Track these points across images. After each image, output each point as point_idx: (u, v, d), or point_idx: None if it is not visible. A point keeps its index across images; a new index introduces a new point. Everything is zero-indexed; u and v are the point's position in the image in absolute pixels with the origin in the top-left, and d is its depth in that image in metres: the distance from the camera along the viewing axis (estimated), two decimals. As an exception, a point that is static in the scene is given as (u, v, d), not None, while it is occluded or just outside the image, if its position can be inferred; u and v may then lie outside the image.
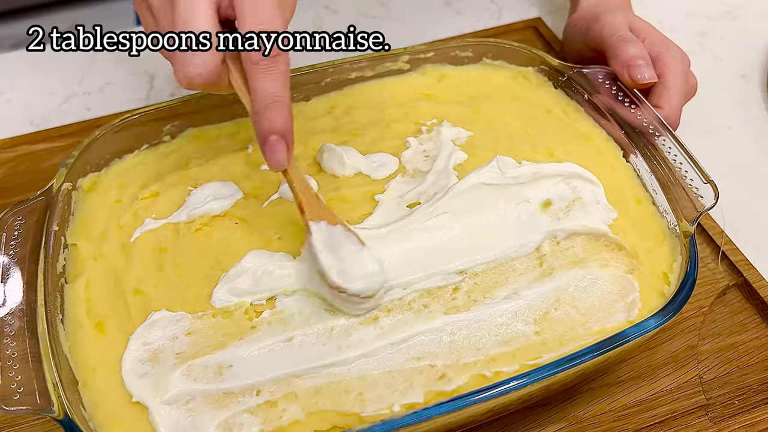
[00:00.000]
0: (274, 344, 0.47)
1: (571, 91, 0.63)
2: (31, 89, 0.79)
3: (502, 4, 0.90)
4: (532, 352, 0.47)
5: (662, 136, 0.57)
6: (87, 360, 0.47)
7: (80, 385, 0.46)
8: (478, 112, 0.62)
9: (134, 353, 0.47)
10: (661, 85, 0.62)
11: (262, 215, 0.54)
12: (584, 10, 0.70)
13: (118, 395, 0.45)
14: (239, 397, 0.45)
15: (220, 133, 0.61)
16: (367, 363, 0.46)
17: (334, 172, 0.57)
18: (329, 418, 0.44)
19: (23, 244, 0.50)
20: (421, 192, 0.55)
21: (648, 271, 0.51)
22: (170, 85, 0.80)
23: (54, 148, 0.70)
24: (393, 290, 0.49)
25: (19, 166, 0.69)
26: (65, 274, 0.51)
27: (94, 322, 0.49)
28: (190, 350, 0.47)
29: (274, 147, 0.45)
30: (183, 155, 0.59)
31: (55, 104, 0.77)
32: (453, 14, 0.89)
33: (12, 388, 0.43)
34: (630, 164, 0.58)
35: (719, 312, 0.59)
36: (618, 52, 0.61)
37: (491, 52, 0.66)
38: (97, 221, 0.54)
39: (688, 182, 0.54)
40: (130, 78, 0.80)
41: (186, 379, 0.46)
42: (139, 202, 0.55)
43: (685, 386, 0.54)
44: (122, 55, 0.82)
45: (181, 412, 0.45)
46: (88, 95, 0.78)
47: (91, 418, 0.44)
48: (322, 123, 0.61)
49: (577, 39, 0.69)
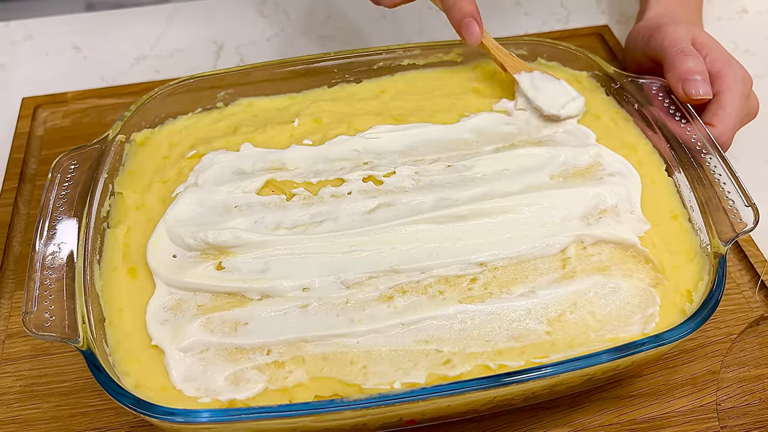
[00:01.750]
0: (289, 308, 0.49)
1: (623, 99, 0.62)
2: (107, 49, 0.83)
3: (572, 9, 0.89)
4: (540, 351, 0.47)
5: (710, 154, 0.55)
6: (116, 300, 0.50)
7: (106, 323, 0.49)
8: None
9: (159, 300, 0.50)
10: (717, 103, 0.60)
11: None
12: (649, 20, 0.69)
13: (139, 337, 0.48)
14: (250, 353, 0.47)
15: (271, 105, 0.63)
16: (376, 338, 0.47)
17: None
18: (331, 386, 0.46)
19: (75, 186, 0.53)
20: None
21: (672, 287, 0.50)
22: (236, 56, 0.83)
23: (119, 104, 0.74)
24: (411, 273, 0.50)
25: (85, 117, 0.73)
26: (108, 219, 0.54)
27: (128, 266, 0.52)
28: (211, 304, 0.49)
29: (468, 26, 0.59)
30: (233, 122, 0.62)
31: (127, 64, 0.82)
32: (520, 15, 0.89)
33: (45, 317, 0.46)
34: (671, 179, 0.56)
35: (749, 341, 0.57)
36: (675, 65, 0.60)
37: (546, 53, 0.65)
38: (144, 174, 0.57)
39: (729, 203, 0.52)
40: (200, 46, 0.84)
41: (203, 330, 0.48)
42: (184, 160, 0.58)
43: (699, 410, 0.53)
44: (195, 23, 0.86)
45: (194, 360, 0.47)
46: (159, 58, 0.82)
47: (111, 353, 0.47)
48: (369, 105, 0.62)
49: (638, 48, 0.68)
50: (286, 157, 0.57)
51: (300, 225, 0.53)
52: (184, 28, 0.86)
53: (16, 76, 0.80)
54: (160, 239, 0.52)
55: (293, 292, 0.49)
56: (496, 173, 0.56)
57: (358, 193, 0.55)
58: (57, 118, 0.74)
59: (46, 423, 0.52)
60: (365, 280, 0.50)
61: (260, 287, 0.49)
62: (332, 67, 0.64)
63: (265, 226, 0.53)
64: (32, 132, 0.72)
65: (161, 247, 0.52)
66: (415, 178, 0.55)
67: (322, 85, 0.65)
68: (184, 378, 0.46)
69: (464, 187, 0.55)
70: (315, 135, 0.60)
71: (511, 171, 0.56)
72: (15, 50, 0.83)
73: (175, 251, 0.52)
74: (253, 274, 0.50)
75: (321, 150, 0.58)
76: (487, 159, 0.57)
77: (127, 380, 0.45)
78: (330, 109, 0.62)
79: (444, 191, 0.54)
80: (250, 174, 0.56)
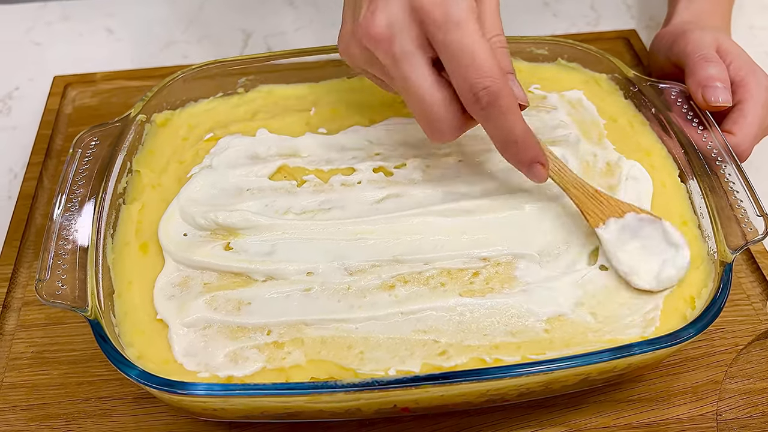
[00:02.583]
0: (292, 291, 0.50)
1: (641, 103, 0.61)
2: (139, 32, 0.85)
3: (602, 12, 0.88)
4: (537, 348, 0.47)
5: (725, 162, 0.55)
6: (126, 274, 0.51)
7: (115, 295, 0.50)
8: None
9: (168, 276, 0.51)
10: (738, 111, 0.59)
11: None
12: (675, 26, 0.68)
13: (146, 310, 0.49)
14: (251, 333, 0.48)
15: (290, 93, 0.64)
16: (374, 325, 0.48)
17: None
18: (327, 369, 0.47)
19: (94, 162, 0.55)
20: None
21: (676, 293, 0.50)
22: (264, 45, 0.84)
23: (146, 86, 0.76)
24: (414, 264, 0.51)
25: (112, 97, 0.75)
26: (124, 196, 0.56)
27: (140, 242, 0.53)
28: (217, 283, 0.51)
29: (530, 172, 0.49)
30: (251, 108, 0.63)
31: (157, 48, 0.84)
32: (549, 16, 0.88)
33: (57, 285, 0.48)
34: (684, 185, 0.56)
35: (756, 354, 0.56)
36: (696, 71, 0.59)
37: (567, 53, 0.65)
38: (162, 154, 0.59)
39: (741, 212, 0.52)
40: (228, 34, 0.85)
41: (207, 307, 0.49)
42: (201, 143, 0.60)
43: (699, 419, 0.52)
44: (226, 11, 0.88)
45: (196, 335, 0.48)
46: (188, 44, 0.84)
47: (118, 324, 0.49)
48: (386, 97, 0.63)
49: (662, 54, 0.67)
50: (300, 145, 0.58)
51: (309, 211, 0.54)
52: (215, 15, 0.88)
53: (50, 55, 0.83)
54: (172, 217, 0.54)
55: (297, 276, 0.50)
56: (507, 170, 0.56)
57: (368, 183, 0.55)
58: (85, 97, 0.76)
59: (55, 389, 0.54)
60: (368, 268, 0.51)
61: (265, 269, 0.51)
62: (353, 59, 0.65)
63: (275, 210, 0.54)
64: (61, 109, 0.74)
65: (173, 225, 0.53)
66: (425, 171, 0.56)
67: (341, 75, 0.65)
68: (185, 352, 0.47)
69: (473, 182, 0.55)
70: (330, 124, 0.61)
71: None
72: (50, 30, 0.86)
73: (186, 230, 0.53)
74: (259, 256, 0.51)
75: (334, 139, 0.59)
76: (498, 155, 0.57)
77: (130, 351, 0.47)
78: (347, 99, 0.63)
79: (453, 185, 0.55)
80: (264, 159, 0.58)
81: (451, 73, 0.46)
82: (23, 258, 0.62)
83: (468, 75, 0.45)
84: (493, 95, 0.45)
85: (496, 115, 0.46)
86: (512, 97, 0.46)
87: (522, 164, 0.49)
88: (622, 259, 0.49)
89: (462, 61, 0.45)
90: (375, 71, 0.51)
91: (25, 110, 0.76)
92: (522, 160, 0.49)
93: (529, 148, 0.48)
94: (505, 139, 0.48)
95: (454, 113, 0.47)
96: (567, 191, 0.52)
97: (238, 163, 0.57)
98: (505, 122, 0.47)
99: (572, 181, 0.52)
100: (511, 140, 0.48)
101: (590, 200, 0.51)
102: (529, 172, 0.50)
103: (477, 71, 0.45)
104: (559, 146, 0.57)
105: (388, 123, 0.60)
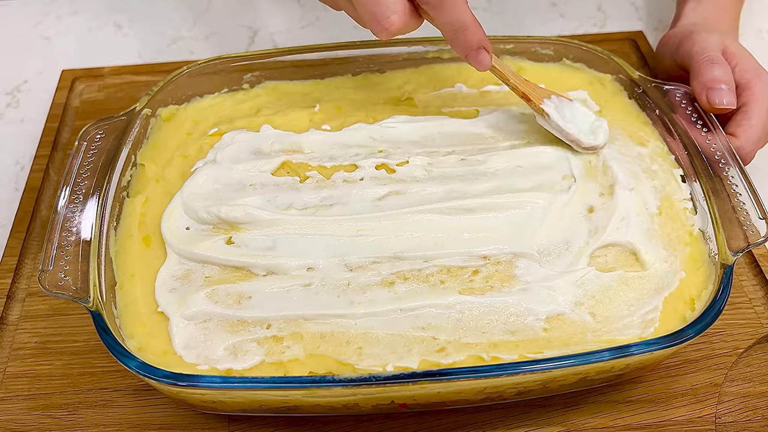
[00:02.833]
0: (293, 286, 0.50)
1: (644, 104, 0.61)
2: (146, 28, 0.86)
3: (609, 13, 0.88)
4: (535, 346, 0.47)
5: (728, 165, 0.55)
6: (128, 266, 0.52)
7: (117, 287, 0.51)
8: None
9: (170, 269, 0.51)
10: (742, 113, 0.59)
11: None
12: (682, 28, 0.68)
13: (147, 303, 0.50)
14: (251, 326, 0.48)
15: (294, 89, 0.65)
16: (373, 321, 0.48)
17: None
18: (326, 363, 0.47)
19: (99, 155, 0.56)
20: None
21: (676, 294, 0.50)
22: (270, 42, 0.85)
23: (152, 81, 0.76)
24: (414, 261, 0.51)
25: (119, 92, 0.76)
26: (128, 189, 0.56)
27: (143, 235, 0.54)
28: (218, 276, 0.51)
29: (475, 58, 0.53)
30: (256, 104, 0.63)
31: (164, 44, 0.84)
32: (556, 16, 0.88)
33: (59, 276, 0.48)
34: (686, 186, 0.56)
35: (757, 357, 0.56)
36: (701, 72, 0.59)
37: (572, 54, 0.65)
38: (167, 148, 0.59)
39: (743, 215, 0.52)
40: (235, 31, 0.86)
41: (208, 300, 0.49)
42: (206, 137, 0.60)
43: (697, 421, 0.52)
44: (233, 8, 0.88)
45: (197, 328, 0.49)
46: (194, 40, 0.84)
47: (119, 316, 0.49)
48: (389, 95, 0.63)
49: (667, 56, 0.67)
50: (304, 141, 0.58)
51: (310, 207, 0.54)
52: (222, 12, 0.88)
53: (58, 49, 0.83)
54: (175, 211, 0.54)
55: (298, 271, 0.51)
56: (508, 169, 0.56)
57: (370, 180, 0.56)
58: (93, 91, 0.76)
59: (57, 379, 0.54)
60: (369, 264, 0.51)
61: (266, 263, 0.51)
62: (358, 56, 0.65)
63: (277, 205, 0.54)
64: (68, 103, 0.75)
65: (176, 219, 0.54)
66: (427, 168, 0.56)
67: (346, 73, 0.66)
68: (185, 345, 0.48)
69: (475, 180, 0.55)
70: (334, 121, 0.61)
71: (524, 168, 0.56)
72: (60, 24, 0.87)
73: (188, 224, 0.54)
74: (260, 250, 0.52)
75: (338, 136, 0.59)
76: (501, 155, 0.57)
77: (131, 342, 0.47)
78: (352, 96, 0.63)
79: (455, 184, 0.55)
80: (268, 154, 0.58)
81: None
82: (28, 249, 0.62)
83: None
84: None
85: (448, 4, 0.50)
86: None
87: (470, 49, 0.53)
88: (567, 126, 0.56)
89: None
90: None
91: (33, 103, 0.77)
92: (471, 45, 0.52)
93: (477, 32, 0.52)
94: (456, 26, 0.51)
95: (401, 2, 0.50)
96: (508, 79, 0.57)
97: (241, 158, 0.57)
98: (456, 10, 0.50)
99: (510, 71, 0.58)
100: (462, 26, 0.51)
101: (526, 86, 0.57)
102: (475, 59, 0.53)
103: None
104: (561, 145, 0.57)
105: (392, 121, 0.60)
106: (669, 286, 0.50)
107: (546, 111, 0.56)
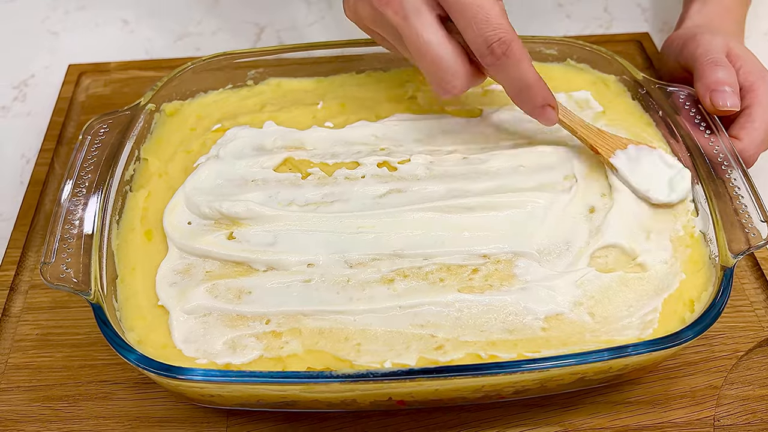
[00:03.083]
0: (293, 282, 0.50)
1: (648, 105, 0.61)
2: (153, 24, 0.86)
3: (615, 15, 0.88)
4: (533, 346, 0.47)
5: (731, 167, 0.54)
6: (130, 260, 0.52)
7: (118, 280, 0.51)
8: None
9: (171, 263, 0.52)
10: (746, 116, 0.59)
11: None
12: (686, 29, 0.68)
13: (147, 296, 0.50)
14: (250, 321, 0.49)
15: (299, 86, 0.65)
16: (372, 318, 0.48)
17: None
18: (324, 359, 0.47)
19: (103, 149, 0.56)
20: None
21: (676, 296, 0.50)
22: (276, 39, 0.85)
23: (158, 76, 0.76)
24: (414, 259, 0.51)
25: (125, 87, 0.76)
26: (131, 183, 0.57)
27: (145, 229, 0.54)
28: (219, 271, 0.51)
29: (541, 114, 0.53)
30: (260, 100, 0.64)
31: (171, 40, 0.84)
32: (562, 17, 0.88)
33: (61, 268, 0.49)
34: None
35: (757, 361, 0.56)
36: (704, 74, 0.59)
37: (576, 54, 0.65)
38: (170, 143, 0.60)
39: (745, 218, 0.51)
40: (242, 28, 0.86)
41: (208, 295, 0.50)
42: (209, 133, 0.60)
43: (696, 423, 0.52)
44: (240, 5, 0.88)
45: (196, 322, 0.49)
46: (200, 36, 0.85)
47: (119, 309, 0.49)
48: (393, 93, 0.63)
49: (671, 57, 0.67)
50: (306, 138, 0.59)
51: (312, 203, 0.54)
52: (229, 9, 0.88)
53: (65, 44, 0.84)
54: (177, 206, 0.54)
55: (298, 267, 0.51)
56: (510, 168, 0.56)
57: (371, 177, 0.56)
58: (99, 86, 0.77)
59: (57, 371, 0.54)
60: (368, 261, 0.51)
61: (267, 259, 0.51)
62: (362, 54, 0.65)
63: (279, 201, 0.54)
64: (74, 97, 0.75)
65: (177, 213, 0.54)
66: (429, 167, 0.56)
67: (350, 70, 0.66)
68: (184, 339, 0.48)
69: (477, 179, 0.55)
70: (337, 118, 0.61)
71: (526, 168, 0.56)
72: (67, 19, 0.87)
73: (190, 218, 0.54)
74: (261, 246, 0.52)
75: (340, 133, 0.59)
76: (503, 154, 0.57)
77: (130, 335, 0.48)
78: (355, 94, 0.63)
79: (456, 182, 0.55)
80: (270, 151, 0.58)
81: (464, 28, 0.49)
82: (32, 242, 0.63)
83: (481, 29, 0.48)
84: (506, 45, 0.49)
85: (511, 64, 0.49)
86: (523, 47, 0.50)
87: (536, 108, 0.52)
88: (638, 180, 0.53)
89: (476, 17, 0.48)
90: (382, 31, 0.53)
91: (40, 97, 0.77)
92: (536, 104, 0.52)
93: (541, 91, 0.52)
94: (520, 85, 0.51)
95: (463, 65, 0.50)
96: (576, 131, 0.56)
97: (244, 154, 0.58)
98: (519, 69, 0.50)
99: (579, 122, 0.56)
100: (525, 86, 0.51)
101: (597, 137, 0.55)
102: (541, 116, 0.53)
103: (490, 25, 0.48)
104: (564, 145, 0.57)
105: (395, 119, 0.60)
106: (669, 288, 0.50)
107: (615, 165, 0.54)
